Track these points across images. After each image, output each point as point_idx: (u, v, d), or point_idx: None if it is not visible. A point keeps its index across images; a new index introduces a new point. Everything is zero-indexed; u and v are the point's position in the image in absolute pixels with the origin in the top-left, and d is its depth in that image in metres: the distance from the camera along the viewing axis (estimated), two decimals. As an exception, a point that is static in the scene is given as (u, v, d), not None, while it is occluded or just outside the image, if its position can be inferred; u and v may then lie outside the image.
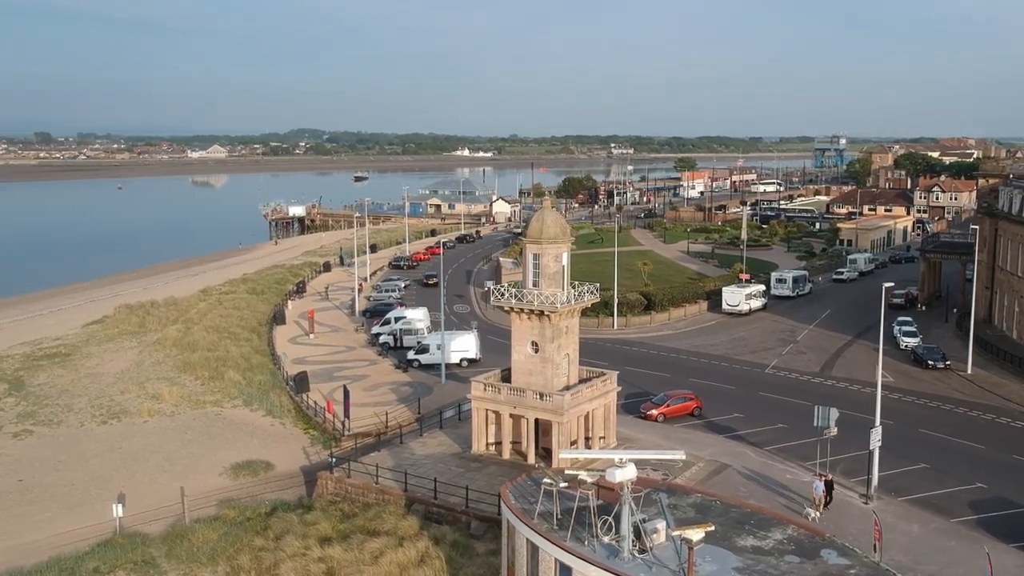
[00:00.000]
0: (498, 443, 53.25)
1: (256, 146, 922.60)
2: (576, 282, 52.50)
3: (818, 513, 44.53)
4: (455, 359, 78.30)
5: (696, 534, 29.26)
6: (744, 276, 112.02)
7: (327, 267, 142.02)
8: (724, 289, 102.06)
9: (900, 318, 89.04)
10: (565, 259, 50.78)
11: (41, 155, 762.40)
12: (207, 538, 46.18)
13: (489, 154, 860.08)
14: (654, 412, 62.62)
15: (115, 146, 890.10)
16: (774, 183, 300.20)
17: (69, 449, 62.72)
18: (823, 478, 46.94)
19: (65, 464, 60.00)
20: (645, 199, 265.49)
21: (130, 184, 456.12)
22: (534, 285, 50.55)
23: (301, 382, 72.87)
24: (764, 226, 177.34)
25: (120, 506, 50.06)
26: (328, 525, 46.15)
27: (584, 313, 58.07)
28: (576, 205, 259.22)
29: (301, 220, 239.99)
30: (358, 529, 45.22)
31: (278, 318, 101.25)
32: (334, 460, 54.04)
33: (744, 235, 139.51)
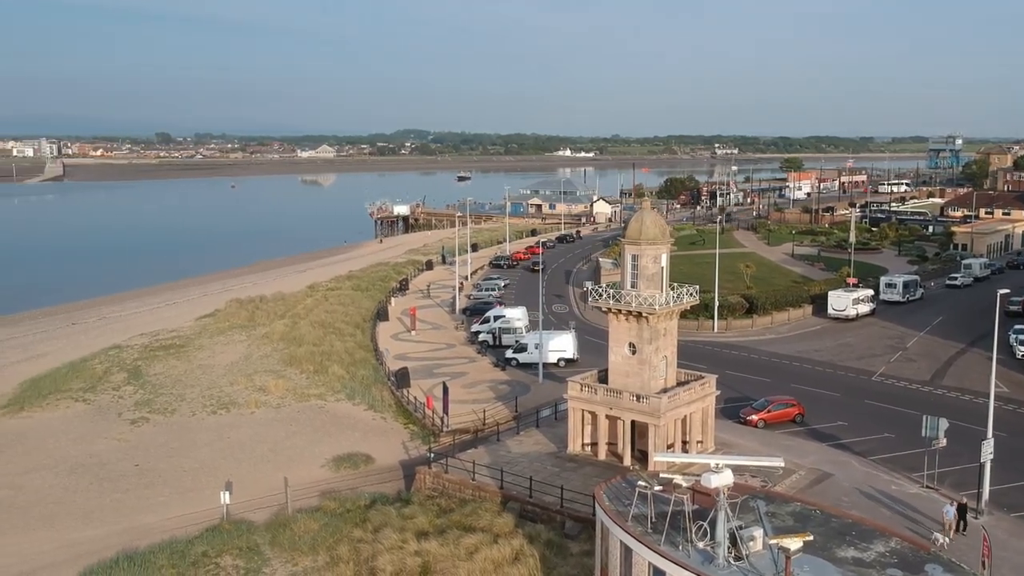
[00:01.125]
0: (594, 444, 53.22)
1: (363, 146, 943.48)
2: (675, 284, 52.04)
3: (947, 539, 41.62)
4: (553, 359, 78.52)
5: (794, 543, 28.70)
6: (851, 280, 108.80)
7: (429, 265, 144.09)
8: (830, 293, 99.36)
9: (1017, 326, 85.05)
10: (664, 260, 50.41)
11: (161, 155, 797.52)
12: (308, 528, 47.46)
13: (591, 154, 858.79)
14: (754, 418, 61.51)
15: (229, 146, 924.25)
16: (904, 183, 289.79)
17: (181, 437, 65.38)
18: (955, 502, 44.75)
19: (177, 451, 62.58)
20: (749, 200, 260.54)
21: (243, 183, 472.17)
22: (632, 286, 50.35)
23: (402, 378, 74.24)
24: (874, 229, 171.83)
25: (227, 493, 51.88)
26: (425, 519, 46.90)
27: (683, 315, 57.48)
28: (678, 206, 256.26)
29: (405, 219, 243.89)
30: (454, 524, 45.83)
31: (381, 315, 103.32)
32: (432, 455, 54.94)
33: (852, 238, 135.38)
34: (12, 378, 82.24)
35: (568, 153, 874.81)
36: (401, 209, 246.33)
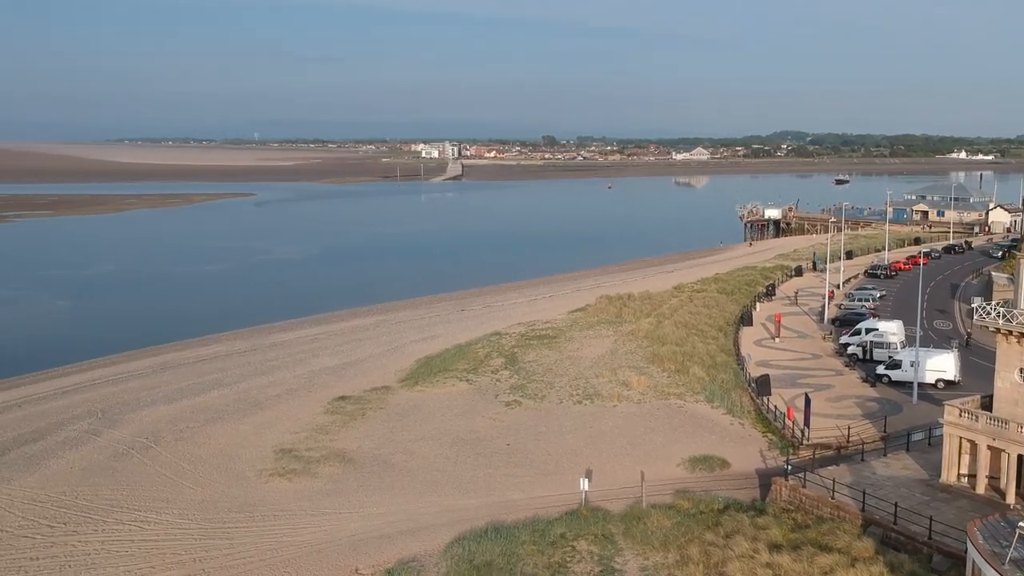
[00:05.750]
0: (971, 475, 48.95)
1: (738, 148, 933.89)
2: (1082, 307, 46.28)
3: None
4: (930, 379, 72.95)
5: None
6: None
7: (799, 271, 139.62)
8: None
9: None
10: (1070, 280, 45.06)
11: (546, 156, 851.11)
12: (661, 524, 48.55)
13: (990, 157, 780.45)
14: None
15: (608, 148, 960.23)
16: None
17: (548, 422, 69.66)
18: None
19: (544, 435, 66.80)
20: None
21: (618, 183, 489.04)
22: (1028, 307, 45.59)
23: (763, 385, 73.10)
24: None
25: (586, 481, 54.44)
26: (779, 532, 46.14)
27: (1092, 343, 50.83)
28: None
29: (776, 222, 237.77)
30: (809, 541, 44.59)
31: (745, 319, 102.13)
32: (790, 468, 53.66)
33: None
34: (411, 355, 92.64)
35: (963, 156, 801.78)
36: (772, 212, 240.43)
